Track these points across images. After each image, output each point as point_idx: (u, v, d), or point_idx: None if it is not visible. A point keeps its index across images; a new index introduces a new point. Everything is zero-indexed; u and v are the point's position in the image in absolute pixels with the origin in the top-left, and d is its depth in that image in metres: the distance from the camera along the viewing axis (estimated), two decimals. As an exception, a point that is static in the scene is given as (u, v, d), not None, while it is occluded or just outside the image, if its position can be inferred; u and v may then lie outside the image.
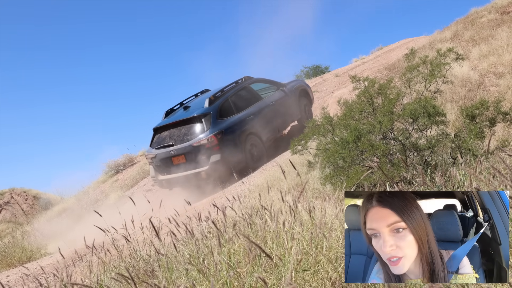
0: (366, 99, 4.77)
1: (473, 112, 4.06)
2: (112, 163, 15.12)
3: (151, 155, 8.42)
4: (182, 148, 7.98)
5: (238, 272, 2.36)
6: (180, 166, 8.10)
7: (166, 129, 8.46)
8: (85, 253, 5.53)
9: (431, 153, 4.18)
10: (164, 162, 8.26)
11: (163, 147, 8.25)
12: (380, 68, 13.97)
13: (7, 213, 20.70)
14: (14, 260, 7.78)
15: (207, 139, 7.81)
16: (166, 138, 8.31)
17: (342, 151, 4.28)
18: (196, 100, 9.36)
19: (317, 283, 2.32)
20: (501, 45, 8.49)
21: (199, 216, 3.56)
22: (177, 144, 8.07)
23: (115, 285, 2.84)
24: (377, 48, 20.71)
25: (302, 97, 10.51)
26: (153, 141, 8.60)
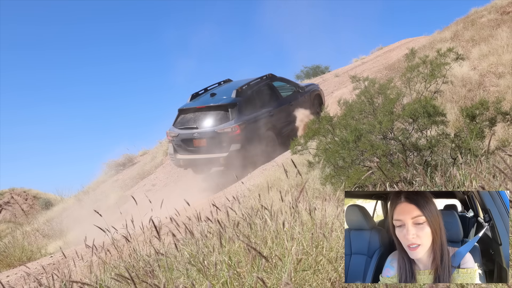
0: (366, 99, 4.77)
1: (473, 112, 4.06)
2: (112, 163, 15.10)
3: (173, 133, 8.67)
4: (206, 132, 8.27)
5: (238, 272, 2.36)
6: (200, 149, 8.40)
7: (191, 111, 8.73)
8: (85, 253, 5.53)
9: (431, 153, 4.18)
10: (185, 142, 8.53)
11: (186, 128, 8.53)
12: (380, 68, 13.97)
13: (7, 213, 20.69)
14: (14, 260, 7.77)
15: (231, 127, 8.10)
16: (190, 120, 8.60)
17: (342, 151, 4.28)
18: (221, 89, 9.57)
19: (317, 283, 2.32)
20: (501, 45, 8.48)
21: (199, 216, 3.56)
22: (201, 128, 8.36)
23: (115, 285, 2.84)
24: (377, 48, 20.69)
25: (316, 101, 10.80)
26: (176, 121, 8.83)
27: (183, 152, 8.66)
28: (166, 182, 11.06)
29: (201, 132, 8.31)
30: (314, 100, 10.67)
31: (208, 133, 8.24)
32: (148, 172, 12.71)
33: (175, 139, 8.64)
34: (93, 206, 11.81)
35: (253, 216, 3.12)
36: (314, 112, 10.37)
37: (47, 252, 8.40)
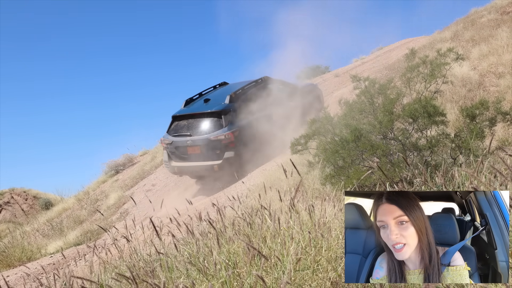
0: (367, 99, 4.77)
1: (473, 112, 4.06)
2: (112, 163, 15.10)
3: (167, 141, 8.59)
4: (199, 140, 8.19)
5: (238, 272, 2.36)
6: (194, 156, 8.32)
7: (185, 118, 8.64)
8: (86, 253, 5.53)
9: (431, 153, 4.19)
10: (179, 150, 8.45)
11: (180, 136, 8.43)
12: (380, 68, 13.97)
13: (7, 213, 20.70)
14: (14, 260, 7.77)
15: (224, 135, 8.01)
16: (184, 127, 8.52)
17: (342, 151, 4.28)
18: (215, 93, 9.51)
19: (317, 283, 2.32)
20: (501, 45, 8.48)
21: (199, 216, 3.56)
22: (195, 135, 8.28)
23: (116, 285, 2.85)
24: (377, 48, 20.72)
25: (315, 102, 10.68)
26: (170, 128, 8.75)
27: (177, 159, 8.57)
28: (166, 182, 11.06)
29: (195, 139, 8.21)
30: (313, 101, 10.53)
31: (202, 141, 8.14)
32: (148, 172, 12.71)
33: (169, 147, 8.55)
34: (93, 206, 11.82)
35: (253, 215, 3.12)
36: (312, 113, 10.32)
37: (47, 252, 8.39)
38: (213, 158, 8.13)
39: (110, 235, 3.71)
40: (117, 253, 3.62)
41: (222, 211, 3.26)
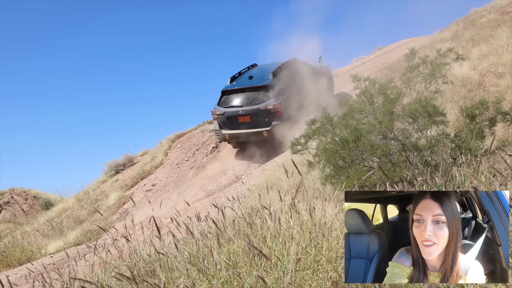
0: (367, 99, 4.77)
1: (473, 112, 4.06)
2: (112, 163, 15.09)
3: (219, 112, 9.69)
4: (250, 109, 9.36)
5: (238, 272, 2.36)
6: (244, 124, 9.52)
7: (234, 92, 9.80)
8: (86, 253, 5.53)
9: (431, 153, 4.18)
10: (230, 119, 9.59)
11: (231, 107, 9.57)
12: (380, 68, 13.97)
13: (7, 213, 20.70)
14: (14, 260, 7.77)
15: (273, 105, 9.23)
16: (234, 100, 9.68)
17: (342, 151, 4.28)
18: (254, 71, 10.76)
19: (317, 283, 2.32)
20: (501, 45, 8.48)
21: (199, 216, 3.56)
22: (245, 106, 9.45)
23: (116, 284, 2.85)
24: (377, 48, 20.70)
25: (330, 81, 12.54)
26: (220, 101, 9.90)
27: (228, 127, 9.69)
28: (166, 182, 11.06)
29: (246, 109, 9.36)
30: (329, 79, 12.29)
31: (253, 110, 9.29)
32: (148, 172, 12.71)
33: (221, 117, 9.62)
34: (93, 206, 11.82)
35: (253, 215, 3.12)
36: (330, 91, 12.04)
37: (47, 252, 8.40)
38: (262, 125, 9.30)
39: (110, 235, 3.70)
40: (117, 253, 3.62)
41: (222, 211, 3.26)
